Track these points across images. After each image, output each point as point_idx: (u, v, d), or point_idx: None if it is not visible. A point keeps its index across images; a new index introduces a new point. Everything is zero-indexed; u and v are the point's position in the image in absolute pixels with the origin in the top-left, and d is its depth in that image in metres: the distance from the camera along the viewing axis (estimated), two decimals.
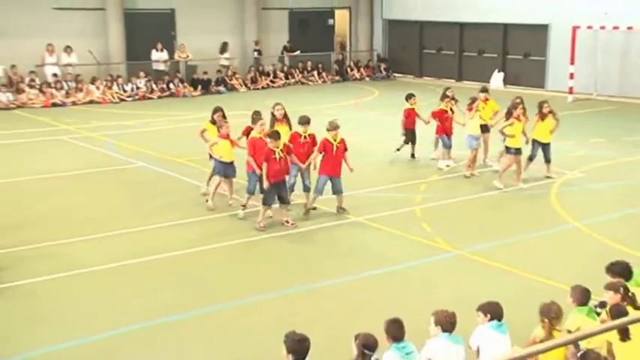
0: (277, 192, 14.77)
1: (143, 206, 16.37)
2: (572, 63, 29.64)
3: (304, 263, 13.23)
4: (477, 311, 8.98)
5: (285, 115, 16.29)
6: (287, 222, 14.90)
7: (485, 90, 19.46)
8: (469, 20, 35.27)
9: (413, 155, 20.05)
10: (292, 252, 13.81)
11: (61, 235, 14.33)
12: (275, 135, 14.67)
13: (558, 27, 31.29)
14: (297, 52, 37.69)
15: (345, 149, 15.15)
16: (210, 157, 16.39)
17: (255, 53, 36.89)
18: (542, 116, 17.27)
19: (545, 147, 17.44)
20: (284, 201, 14.93)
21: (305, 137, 15.50)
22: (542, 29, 32.58)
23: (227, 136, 15.62)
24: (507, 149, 17.03)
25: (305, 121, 15.70)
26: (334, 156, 14.93)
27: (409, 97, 20.02)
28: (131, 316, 10.85)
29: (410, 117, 19.78)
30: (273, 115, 16.37)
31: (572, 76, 29.69)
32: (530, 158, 17.46)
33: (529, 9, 32.30)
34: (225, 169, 15.76)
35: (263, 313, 10.92)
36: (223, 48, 35.96)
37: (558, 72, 31.40)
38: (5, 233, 14.35)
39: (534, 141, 17.38)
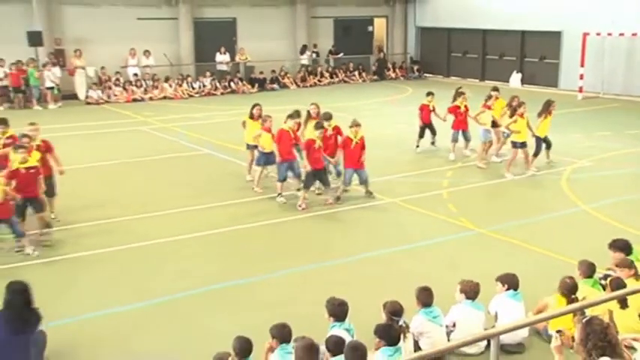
0: (318, 177, 14.83)
1: (206, 187, 16.44)
2: (582, 65, 29.31)
3: (344, 239, 13.21)
4: (496, 281, 9.03)
5: (318, 114, 16.16)
6: (329, 201, 14.95)
7: (496, 89, 19.18)
8: (491, 27, 34.97)
9: (433, 143, 19.87)
10: (333, 229, 13.81)
11: (129, 212, 14.50)
12: (319, 125, 14.71)
13: (570, 33, 30.91)
14: (341, 55, 37.63)
15: (363, 147, 14.81)
16: (248, 146, 16.47)
17: (314, 55, 36.98)
18: (549, 114, 16.98)
19: (546, 138, 17.21)
20: (325, 184, 14.98)
21: (330, 131, 15.42)
22: (556, 35, 32.17)
23: (269, 130, 15.61)
24: (513, 144, 16.80)
25: (328, 117, 15.68)
26: (353, 150, 14.73)
27: (428, 94, 19.83)
28: (181, 284, 10.89)
29: (423, 111, 19.58)
30: (308, 112, 16.34)
31: (581, 76, 29.36)
32: (536, 154, 17.17)
33: (544, 18, 31.96)
34: (267, 159, 15.80)
35: (309, 282, 10.96)
36: (303, 50, 36.39)
37: (570, 73, 31.09)
38: (85, 210, 14.53)
39: (538, 138, 17.05)
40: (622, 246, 9.68)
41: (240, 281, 11.03)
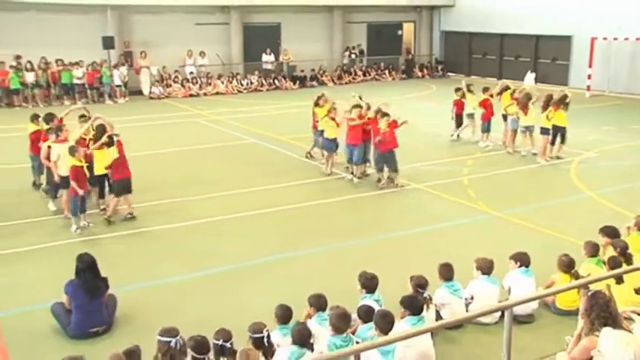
0: (384, 160, 14.85)
1: (252, 172, 16.50)
2: (590, 66, 28.89)
3: (374, 220, 13.22)
4: (510, 259, 9.00)
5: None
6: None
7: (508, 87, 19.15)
8: (508, 32, 34.59)
9: (458, 135, 19.82)
10: (363, 211, 13.73)
11: (186, 193, 14.62)
12: (384, 114, 14.75)
13: (579, 38, 30.47)
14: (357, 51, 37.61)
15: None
16: (316, 132, 16.54)
17: (353, 55, 36.87)
18: (565, 107, 16.85)
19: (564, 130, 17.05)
20: (392, 168, 14.93)
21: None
22: (567, 39, 31.73)
23: (333, 118, 15.71)
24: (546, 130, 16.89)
25: (357, 105, 15.64)
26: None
27: (457, 90, 19.76)
28: (231, 258, 10.99)
29: (456, 105, 19.61)
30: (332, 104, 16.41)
31: (589, 76, 28.96)
32: (553, 142, 17.03)
33: (556, 23, 31.52)
34: (329, 144, 15.89)
35: (344, 257, 10.97)
36: (345, 50, 36.26)
37: (578, 73, 30.61)
38: (148, 191, 14.65)
39: (556, 127, 16.90)
40: (610, 232, 9.63)
41: (282, 256, 11.11)
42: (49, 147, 13.02)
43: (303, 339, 6.90)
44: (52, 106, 26.71)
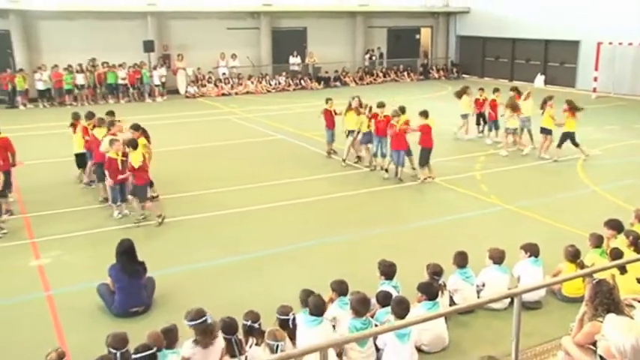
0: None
1: (279, 166, 16.55)
2: (596, 69, 28.61)
3: (392, 212, 13.18)
4: (520, 249, 8.93)
5: (360, 105, 16.17)
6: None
7: (515, 89, 18.93)
8: (519, 37, 34.26)
9: (482, 131, 19.80)
10: (379, 203, 13.69)
11: (218, 185, 14.69)
12: (396, 113, 14.75)
13: (586, 43, 30.12)
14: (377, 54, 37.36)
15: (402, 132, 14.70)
16: (348, 132, 16.42)
17: (373, 58, 36.77)
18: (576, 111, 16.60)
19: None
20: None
21: (381, 117, 15.39)
22: (574, 44, 31.38)
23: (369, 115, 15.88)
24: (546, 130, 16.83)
25: (382, 104, 15.63)
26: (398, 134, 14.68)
27: (480, 90, 19.58)
28: (261, 245, 11.03)
29: (476, 103, 19.48)
30: (349, 103, 16.32)
31: (595, 79, 28.73)
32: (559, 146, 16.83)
33: (565, 29, 31.16)
34: (367, 138, 15.95)
35: (363, 246, 10.97)
36: (366, 52, 36.05)
37: (585, 76, 30.35)
38: (181, 183, 14.82)
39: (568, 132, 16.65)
40: (614, 225, 9.53)
41: (306, 244, 11.11)
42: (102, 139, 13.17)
43: (318, 309, 6.96)
44: (98, 104, 27.10)
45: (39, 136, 20.23)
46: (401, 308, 7.07)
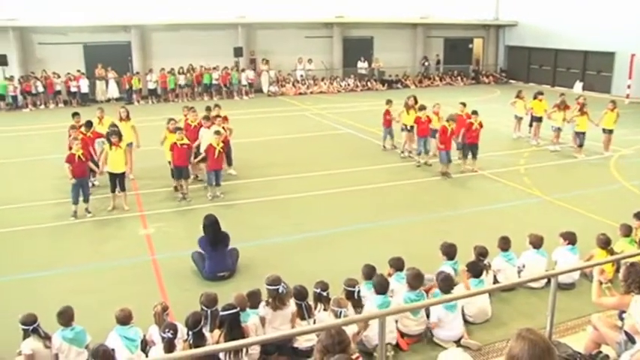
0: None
1: (344, 156, 16.46)
2: (629, 77, 27.50)
3: (446, 199, 13.00)
4: (559, 236, 8.68)
5: (414, 104, 15.88)
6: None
7: (541, 93, 18.25)
8: (561, 48, 32.89)
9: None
10: (436, 192, 13.53)
11: (290, 171, 14.79)
12: (451, 118, 14.38)
13: (621, 54, 28.75)
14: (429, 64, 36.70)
15: (452, 133, 14.30)
16: (404, 128, 16.29)
17: (427, 64, 36.12)
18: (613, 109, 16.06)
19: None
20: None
21: (423, 119, 15.04)
22: (610, 55, 29.91)
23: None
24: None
25: (423, 107, 15.25)
26: (448, 137, 14.24)
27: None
28: (328, 224, 11.05)
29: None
30: (406, 102, 16.16)
31: (629, 86, 27.57)
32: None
33: (601, 42, 29.72)
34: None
35: (418, 228, 10.90)
36: (423, 58, 35.56)
37: (619, 83, 28.93)
38: (262, 168, 14.93)
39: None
40: None
41: (367, 225, 11.09)
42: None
43: (383, 288, 6.96)
44: (195, 101, 27.69)
45: (150, 128, 20.88)
46: (446, 284, 7.02)
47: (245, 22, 30.99)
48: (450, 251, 8.04)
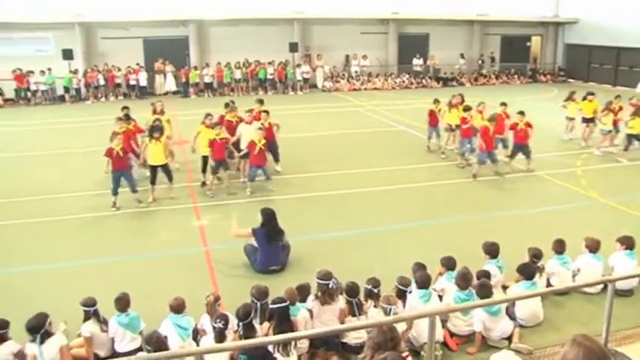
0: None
1: (397, 154, 16.29)
2: None
3: (499, 199, 12.72)
4: (616, 241, 8.36)
5: (461, 102, 15.49)
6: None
7: (591, 93, 17.59)
8: (623, 46, 31.65)
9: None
10: (489, 191, 13.24)
11: (341, 167, 14.74)
12: (492, 118, 14.00)
13: None
14: (484, 62, 35.81)
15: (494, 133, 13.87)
16: (449, 127, 16.08)
17: (480, 61, 35.42)
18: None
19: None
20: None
21: (468, 119, 14.60)
22: None
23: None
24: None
25: (468, 108, 14.79)
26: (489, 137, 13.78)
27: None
28: (375, 221, 10.95)
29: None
30: (450, 101, 15.87)
31: None
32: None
33: None
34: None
35: (468, 228, 10.69)
36: (461, 56, 34.95)
37: None
38: (313, 164, 14.94)
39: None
40: None
41: (417, 223, 10.97)
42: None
43: (425, 284, 6.88)
44: (249, 95, 28.02)
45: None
46: (482, 290, 6.82)
47: (301, 17, 31.12)
48: (492, 250, 7.87)
